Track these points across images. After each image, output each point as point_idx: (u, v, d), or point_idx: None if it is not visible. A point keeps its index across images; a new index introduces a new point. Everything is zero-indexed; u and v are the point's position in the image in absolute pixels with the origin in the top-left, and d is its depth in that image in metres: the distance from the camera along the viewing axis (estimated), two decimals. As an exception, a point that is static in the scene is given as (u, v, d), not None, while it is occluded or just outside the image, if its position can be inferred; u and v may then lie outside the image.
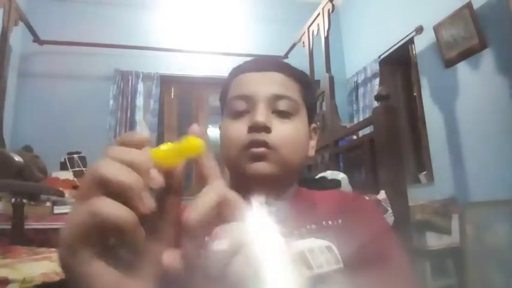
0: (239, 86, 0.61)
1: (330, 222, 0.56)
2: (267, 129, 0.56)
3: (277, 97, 0.59)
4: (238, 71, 0.64)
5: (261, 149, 0.55)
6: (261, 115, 0.56)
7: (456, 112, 2.56)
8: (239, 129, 0.57)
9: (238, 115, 0.59)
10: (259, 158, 0.55)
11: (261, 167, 0.55)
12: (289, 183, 0.62)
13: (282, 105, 0.58)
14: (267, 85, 0.59)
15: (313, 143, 0.66)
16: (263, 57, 0.67)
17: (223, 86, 0.67)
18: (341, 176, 1.83)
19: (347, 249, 0.50)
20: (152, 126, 3.31)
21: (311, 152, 0.65)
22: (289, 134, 0.57)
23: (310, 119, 0.65)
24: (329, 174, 1.87)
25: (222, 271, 0.25)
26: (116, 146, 0.28)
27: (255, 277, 0.24)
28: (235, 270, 0.25)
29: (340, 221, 0.56)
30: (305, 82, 0.64)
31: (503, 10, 2.11)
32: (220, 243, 0.25)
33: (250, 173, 0.55)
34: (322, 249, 0.45)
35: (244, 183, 0.56)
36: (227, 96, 0.63)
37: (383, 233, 0.56)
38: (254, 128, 0.56)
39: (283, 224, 0.38)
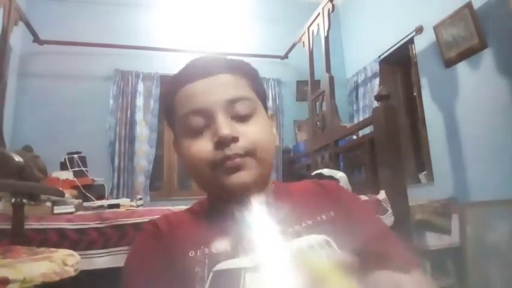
0: (188, 100, 0.55)
1: (324, 216, 0.57)
2: (234, 139, 0.52)
3: (233, 101, 0.55)
4: (181, 82, 0.57)
5: (236, 161, 0.52)
6: (224, 127, 0.52)
7: (456, 112, 2.56)
8: (204, 148, 0.53)
9: (196, 132, 0.54)
10: (235, 169, 0.53)
11: (240, 177, 0.53)
12: (267, 180, 0.61)
13: (240, 108, 0.55)
14: (219, 92, 0.55)
15: (274, 130, 0.63)
16: (201, 59, 0.60)
17: (164, 98, 0.61)
18: (339, 174, 1.83)
19: (344, 239, 0.51)
20: (152, 126, 3.31)
21: (276, 141, 0.63)
22: (256, 134, 0.55)
23: (265, 108, 0.62)
24: (326, 171, 1.87)
25: None
26: None
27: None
28: None
29: (332, 213, 0.58)
30: (251, 73, 0.61)
31: (503, 10, 2.11)
32: None
33: (230, 186, 0.53)
34: (322, 244, 0.45)
35: (224, 195, 0.54)
36: (175, 113, 0.58)
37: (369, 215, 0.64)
38: (221, 143, 0.52)
39: (279, 223, 0.38)
